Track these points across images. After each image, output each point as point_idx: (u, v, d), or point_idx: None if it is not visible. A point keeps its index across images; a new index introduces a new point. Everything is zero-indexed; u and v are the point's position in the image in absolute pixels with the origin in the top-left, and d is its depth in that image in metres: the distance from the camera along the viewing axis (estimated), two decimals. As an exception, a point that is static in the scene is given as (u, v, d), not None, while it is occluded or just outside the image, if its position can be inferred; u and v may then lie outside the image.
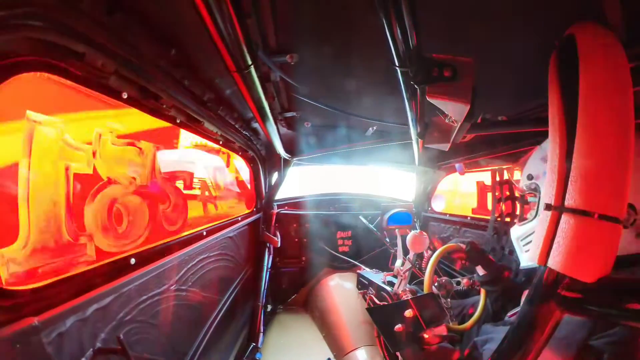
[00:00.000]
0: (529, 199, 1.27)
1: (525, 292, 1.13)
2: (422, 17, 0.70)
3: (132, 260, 1.02)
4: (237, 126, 1.93)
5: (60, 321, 0.69)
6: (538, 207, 1.19)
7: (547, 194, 0.68)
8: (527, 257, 1.27)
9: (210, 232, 1.72)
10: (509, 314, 1.36)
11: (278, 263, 3.14)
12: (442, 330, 1.34)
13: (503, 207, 2.20)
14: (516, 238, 1.32)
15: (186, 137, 1.73)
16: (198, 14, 0.67)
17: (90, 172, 0.91)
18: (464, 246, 1.54)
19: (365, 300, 2.22)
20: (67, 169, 0.80)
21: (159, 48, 0.99)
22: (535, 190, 1.20)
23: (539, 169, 1.19)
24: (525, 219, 1.29)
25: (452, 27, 0.98)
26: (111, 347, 0.84)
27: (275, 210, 2.97)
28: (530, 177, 1.22)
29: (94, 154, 0.92)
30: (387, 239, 2.97)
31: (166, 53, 1.03)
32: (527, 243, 1.26)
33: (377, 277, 2.21)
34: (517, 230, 1.31)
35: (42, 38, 0.64)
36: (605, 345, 0.77)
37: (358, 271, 2.46)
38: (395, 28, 0.70)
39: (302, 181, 3.80)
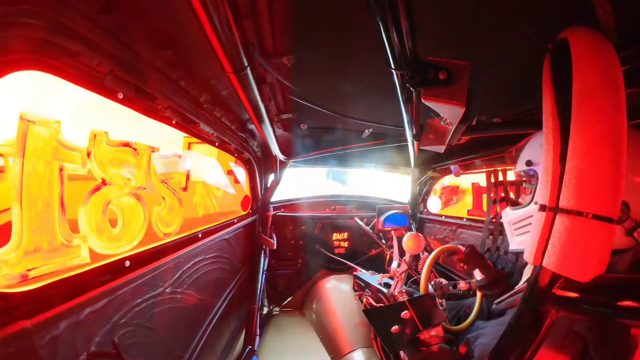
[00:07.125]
0: (525, 185, 1.26)
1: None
2: (418, 20, 0.70)
3: (127, 263, 1.00)
4: (233, 128, 1.93)
5: (53, 324, 0.68)
6: (534, 193, 1.18)
7: (542, 195, 0.69)
8: (517, 241, 1.28)
9: (206, 234, 1.71)
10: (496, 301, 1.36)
11: (274, 265, 3.13)
12: (439, 331, 1.34)
13: (498, 209, 2.22)
14: (508, 221, 1.32)
15: (182, 138, 1.73)
16: (195, 14, 0.67)
17: (85, 173, 0.90)
18: (462, 248, 1.54)
19: (362, 302, 2.21)
20: (61, 169, 0.79)
21: (155, 48, 0.99)
22: (533, 177, 1.19)
23: (537, 155, 1.18)
24: (519, 203, 1.28)
25: (447, 30, 0.99)
26: (106, 351, 0.83)
27: (272, 212, 2.96)
28: (529, 163, 1.20)
29: (88, 154, 0.91)
30: (383, 241, 2.97)
31: (162, 53, 1.02)
32: (519, 227, 1.26)
33: (374, 278, 2.20)
34: (510, 214, 1.31)
35: (37, 36, 0.63)
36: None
37: (354, 273, 2.45)
38: (392, 30, 0.70)
39: (300, 183, 3.80)
